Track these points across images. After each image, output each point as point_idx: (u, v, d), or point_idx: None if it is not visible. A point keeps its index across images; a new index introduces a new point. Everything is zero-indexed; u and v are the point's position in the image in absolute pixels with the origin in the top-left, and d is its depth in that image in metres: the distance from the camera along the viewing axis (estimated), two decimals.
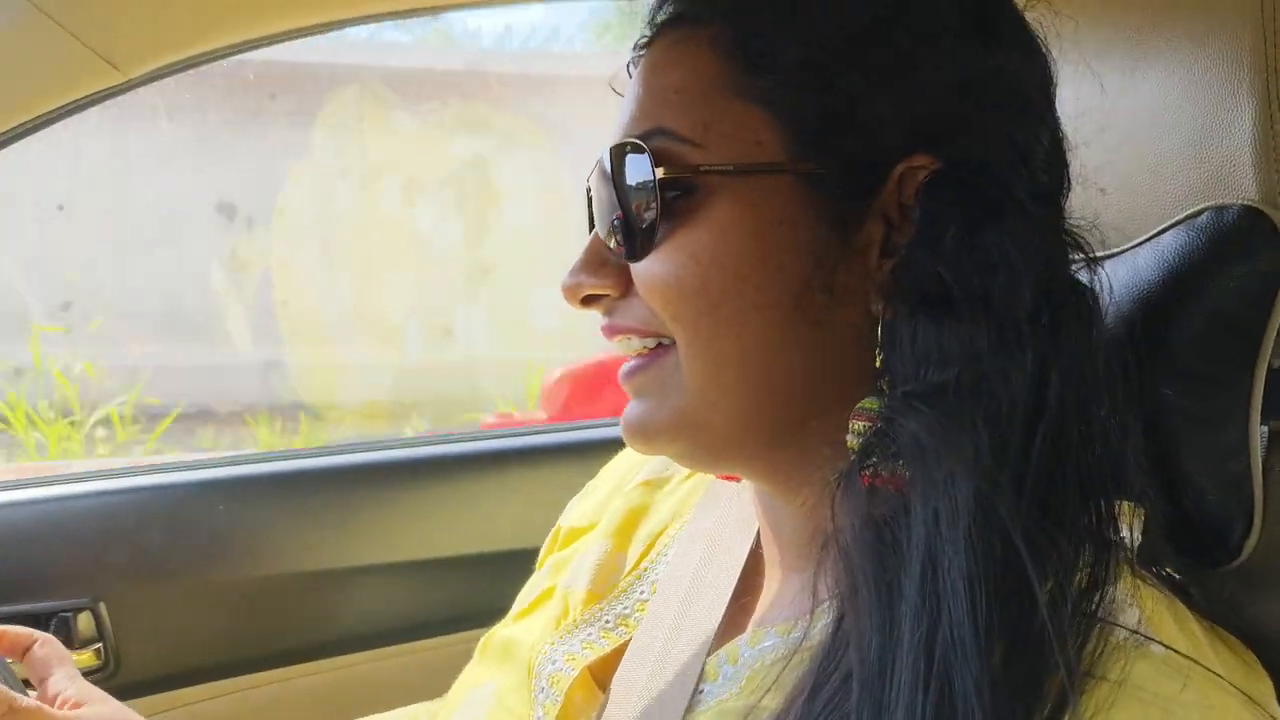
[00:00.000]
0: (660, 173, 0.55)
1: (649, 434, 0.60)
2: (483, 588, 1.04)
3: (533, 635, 0.75)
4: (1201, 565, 0.60)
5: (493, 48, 4.72)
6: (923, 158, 0.54)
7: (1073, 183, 0.59)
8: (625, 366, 0.61)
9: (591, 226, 0.61)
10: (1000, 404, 0.49)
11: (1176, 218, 0.61)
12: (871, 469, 0.51)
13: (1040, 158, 0.57)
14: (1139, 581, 0.51)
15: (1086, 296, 0.54)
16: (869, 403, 0.53)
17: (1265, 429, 0.59)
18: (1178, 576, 0.59)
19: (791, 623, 0.57)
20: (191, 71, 0.91)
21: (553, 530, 0.83)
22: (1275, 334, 0.58)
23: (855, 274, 0.55)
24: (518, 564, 0.85)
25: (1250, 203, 0.58)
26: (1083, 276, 0.56)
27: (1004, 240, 0.51)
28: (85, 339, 3.47)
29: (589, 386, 3.27)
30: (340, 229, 3.94)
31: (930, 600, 0.46)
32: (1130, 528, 0.53)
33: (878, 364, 0.54)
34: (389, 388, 3.71)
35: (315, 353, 3.79)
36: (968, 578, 0.45)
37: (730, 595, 0.65)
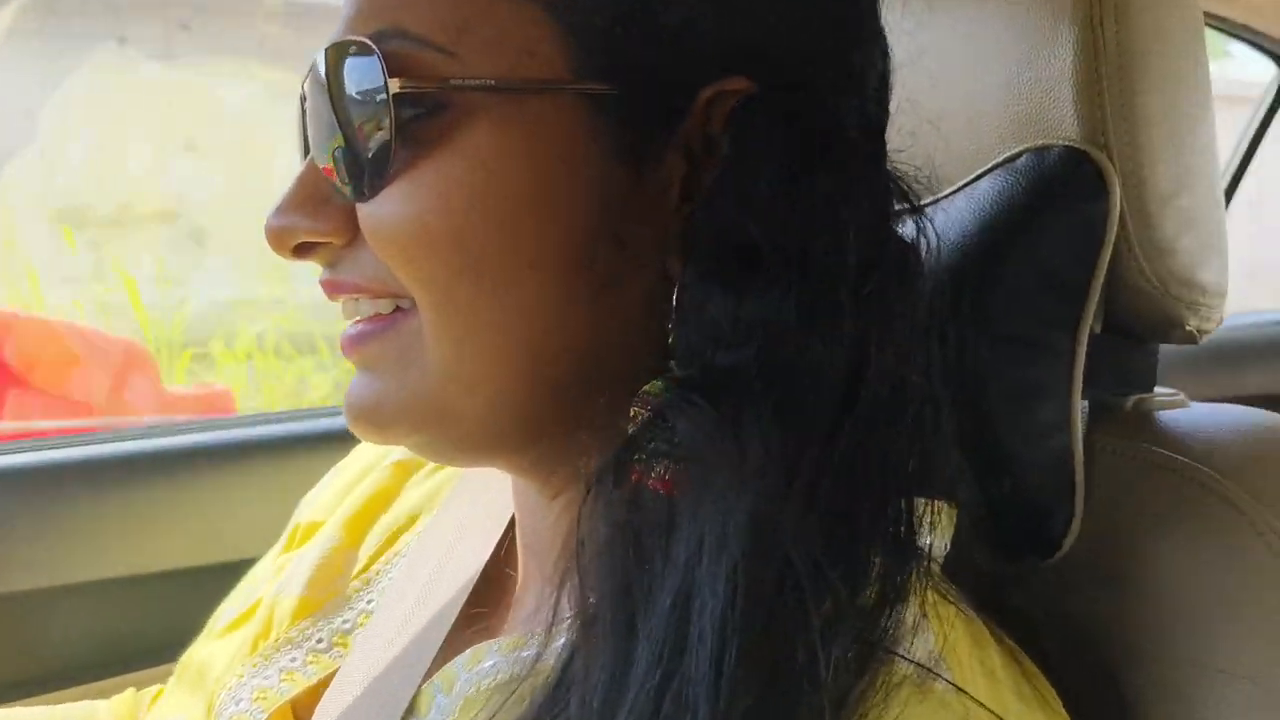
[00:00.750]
0: (396, 85, 0.42)
1: (382, 420, 0.47)
2: (216, 604, 0.89)
3: (228, 658, 0.61)
4: (1021, 562, 0.53)
5: None
6: (737, 80, 0.43)
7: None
8: (350, 330, 0.48)
9: (307, 152, 0.48)
10: (803, 397, 0.40)
11: (994, 160, 0.54)
12: (640, 464, 0.40)
13: (873, 83, 0.47)
14: (939, 597, 0.42)
15: (910, 256, 0.45)
16: (653, 386, 0.42)
17: (1086, 402, 0.53)
18: (993, 577, 0.52)
19: (522, 639, 0.47)
20: None
21: (290, 527, 0.69)
22: (1099, 293, 0.52)
23: (651, 222, 0.44)
24: None
25: (1071, 143, 0.52)
26: (905, 230, 0.46)
27: (831, 186, 0.42)
28: None
29: None
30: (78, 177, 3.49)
31: (673, 646, 0.37)
32: (936, 529, 0.45)
33: (670, 339, 0.43)
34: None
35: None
36: (720, 629, 0.37)
37: (461, 605, 0.54)
